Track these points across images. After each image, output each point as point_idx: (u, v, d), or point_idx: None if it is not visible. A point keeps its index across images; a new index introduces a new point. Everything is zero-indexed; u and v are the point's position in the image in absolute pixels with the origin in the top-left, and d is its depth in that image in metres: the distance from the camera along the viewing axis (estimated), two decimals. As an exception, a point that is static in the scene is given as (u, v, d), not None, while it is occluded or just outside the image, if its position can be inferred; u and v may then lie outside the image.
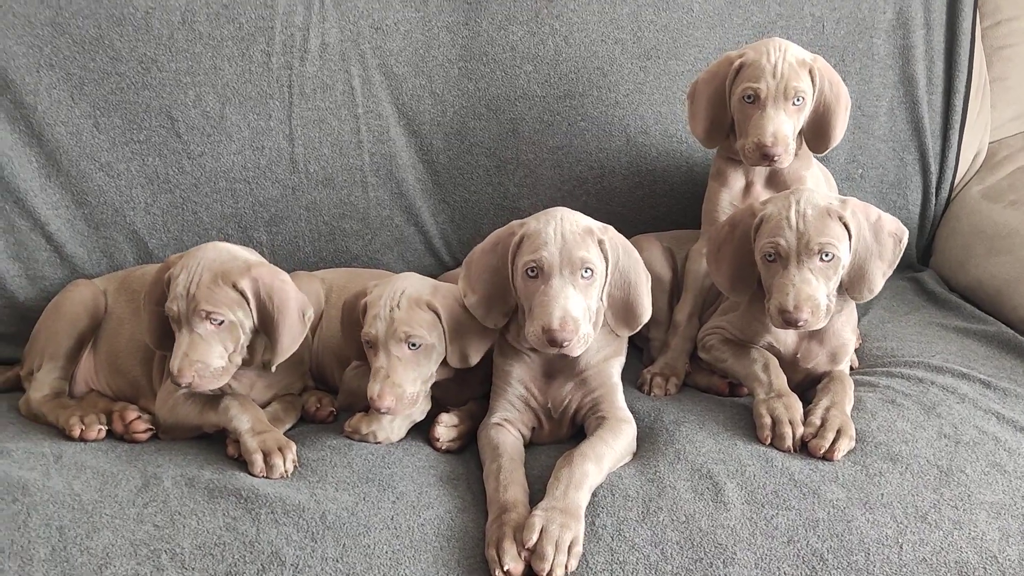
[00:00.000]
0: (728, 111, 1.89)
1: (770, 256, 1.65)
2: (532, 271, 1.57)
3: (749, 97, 1.82)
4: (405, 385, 1.59)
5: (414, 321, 1.61)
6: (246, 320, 1.63)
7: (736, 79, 1.85)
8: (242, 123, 2.13)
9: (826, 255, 1.62)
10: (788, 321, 1.61)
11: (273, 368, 1.69)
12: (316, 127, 2.17)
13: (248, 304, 1.61)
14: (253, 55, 2.12)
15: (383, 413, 1.60)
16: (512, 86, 2.24)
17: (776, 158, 1.80)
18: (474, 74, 2.23)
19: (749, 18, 2.29)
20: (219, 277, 1.60)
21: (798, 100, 1.82)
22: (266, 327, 1.64)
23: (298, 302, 1.66)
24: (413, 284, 1.67)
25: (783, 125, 1.80)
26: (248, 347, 1.67)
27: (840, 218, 1.63)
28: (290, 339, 1.65)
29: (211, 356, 1.59)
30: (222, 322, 1.60)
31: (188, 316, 1.59)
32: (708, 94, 1.90)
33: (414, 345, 1.61)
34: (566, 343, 1.51)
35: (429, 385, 1.67)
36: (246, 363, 1.68)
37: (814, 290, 1.61)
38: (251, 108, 2.13)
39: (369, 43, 2.18)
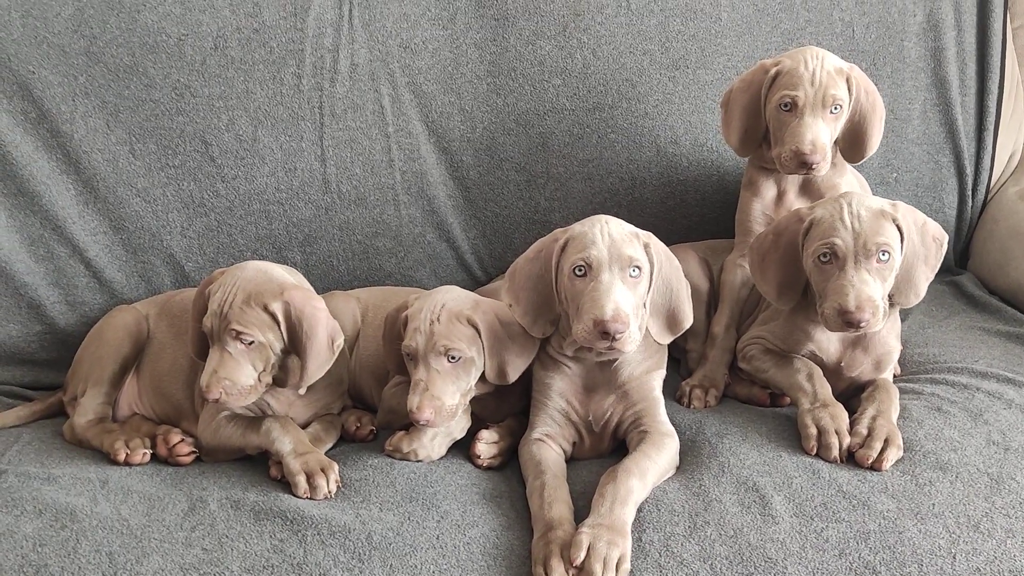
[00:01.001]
0: (763, 119, 1.88)
1: (825, 257, 1.63)
2: (580, 270, 1.57)
3: (786, 105, 1.81)
4: (444, 398, 1.60)
5: (453, 335, 1.61)
6: (276, 342, 1.63)
7: (772, 87, 1.84)
8: (275, 145, 2.15)
9: (883, 255, 1.60)
10: (849, 322, 1.58)
11: (302, 391, 1.70)
12: (347, 147, 2.19)
13: (279, 327, 1.62)
14: (284, 78, 2.14)
15: (423, 425, 1.60)
16: (541, 100, 2.25)
17: (814, 166, 1.78)
18: (503, 89, 2.24)
19: (778, 25, 2.28)
20: (252, 298, 1.61)
21: (836, 108, 1.81)
22: (296, 350, 1.65)
23: (328, 329, 1.66)
24: (454, 298, 1.68)
25: (821, 133, 1.79)
26: (282, 367, 1.67)
27: (893, 220, 1.62)
28: (316, 365, 1.65)
29: (239, 374, 1.60)
30: (252, 342, 1.61)
31: (219, 334, 1.61)
32: (743, 103, 1.89)
33: (453, 358, 1.61)
34: (619, 335, 1.50)
35: (468, 399, 1.68)
36: (279, 383, 1.69)
37: (873, 291, 1.59)
38: (283, 130, 2.15)
39: (398, 62, 2.19)
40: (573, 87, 2.24)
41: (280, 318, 1.61)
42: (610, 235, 1.58)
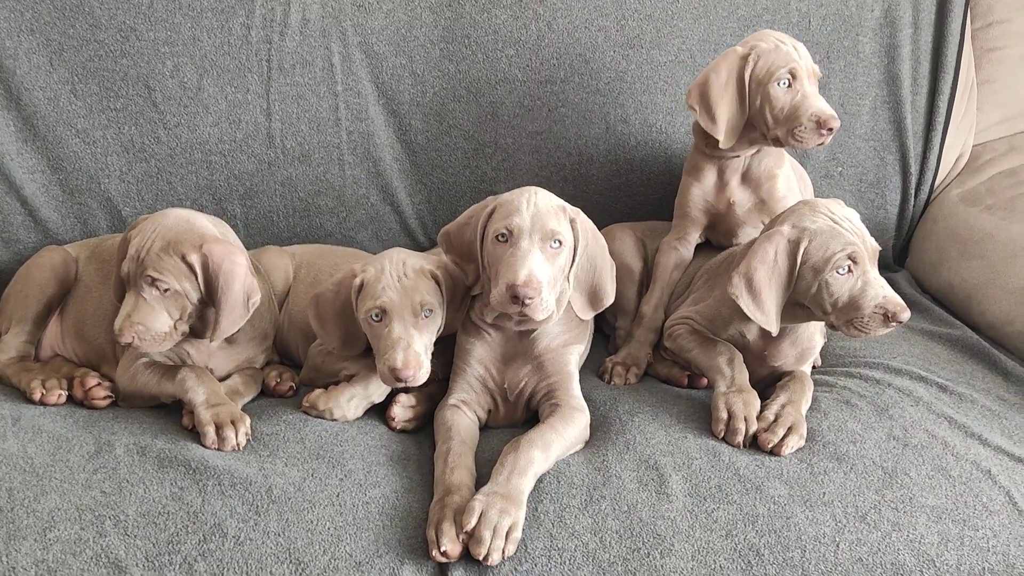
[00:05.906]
0: (746, 105, 1.85)
1: (503, 237, 1.59)
2: (503, 236, 1.59)
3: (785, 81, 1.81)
4: (423, 352, 1.62)
5: (423, 289, 1.64)
6: (193, 292, 1.63)
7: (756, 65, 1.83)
8: (219, 95, 2.13)
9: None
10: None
11: (214, 345, 1.70)
12: (294, 103, 2.18)
13: (196, 277, 1.62)
14: (232, 27, 2.12)
15: (407, 383, 1.60)
16: (493, 69, 2.24)
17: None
18: (455, 56, 2.22)
19: (735, 11, 2.27)
20: (170, 246, 1.61)
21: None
22: (212, 303, 1.65)
23: (245, 285, 1.66)
24: (409, 256, 1.70)
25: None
26: (200, 318, 1.68)
27: None
28: (230, 321, 1.65)
29: (153, 320, 1.61)
30: (168, 289, 1.61)
31: (136, 279, 1.61)
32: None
33: (428, 312, 1.64)
34: (529, 300, 1.53)
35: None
36: (197, 333, 1.69)
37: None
38: (229, 81, 2.13)
39: (351, 20, 2.17)
40: (526, 58, 2.24)
41: (197, 269, 1.61)
42: (536, 205, 1.60)
